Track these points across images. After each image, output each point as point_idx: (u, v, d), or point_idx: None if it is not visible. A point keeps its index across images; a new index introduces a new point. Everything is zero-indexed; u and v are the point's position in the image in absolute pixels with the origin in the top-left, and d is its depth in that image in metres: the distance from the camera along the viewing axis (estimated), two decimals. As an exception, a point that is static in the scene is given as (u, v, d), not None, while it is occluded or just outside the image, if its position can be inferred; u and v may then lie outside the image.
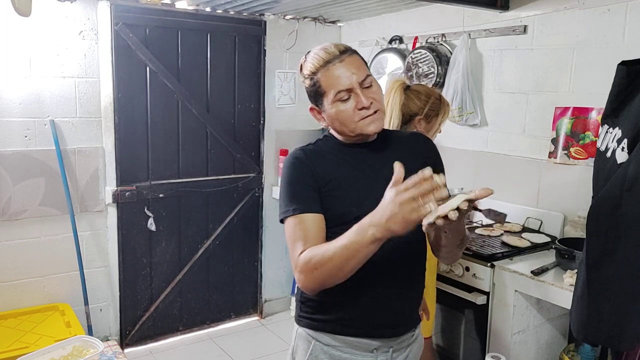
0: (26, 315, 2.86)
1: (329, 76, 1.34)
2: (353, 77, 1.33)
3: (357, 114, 1.34)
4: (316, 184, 1.36)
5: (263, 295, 3.89)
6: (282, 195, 1.39)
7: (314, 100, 1.41)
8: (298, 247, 1.29)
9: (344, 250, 1.18)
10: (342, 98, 1.33)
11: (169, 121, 3.36)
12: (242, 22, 3.53)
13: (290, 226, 1.34)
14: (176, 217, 3.47)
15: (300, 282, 1.30)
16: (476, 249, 2.46)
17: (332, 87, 1.33)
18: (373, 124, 1.36)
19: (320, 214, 1.34)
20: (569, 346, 2.40)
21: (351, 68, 1.34)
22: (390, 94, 2.15)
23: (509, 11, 2.82)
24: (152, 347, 3.46)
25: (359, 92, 1.33)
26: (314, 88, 1.38)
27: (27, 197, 2.94)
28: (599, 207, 1.46)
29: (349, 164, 1.41)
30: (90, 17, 3.02)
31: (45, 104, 2.94)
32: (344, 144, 1.44)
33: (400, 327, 1.44)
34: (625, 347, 1.51)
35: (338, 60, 1.34)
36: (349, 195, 1.36)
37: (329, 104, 1.36)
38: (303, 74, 1.41)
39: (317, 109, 1.42)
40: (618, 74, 1.48)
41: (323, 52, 1.36)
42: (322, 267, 1.22)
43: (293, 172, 1.39)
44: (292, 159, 1.41)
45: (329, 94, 1.35)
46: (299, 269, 1.27)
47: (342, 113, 1.34)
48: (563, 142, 2.62)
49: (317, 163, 1.39)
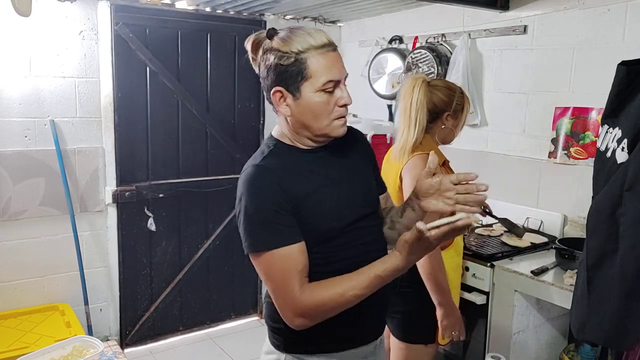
0: (26, 315, 2.86)
1: (321, 61, 1.20)
2: (343, 71, 1.25)
3: (336, 110, 1.24)
4: (290, 207, 1.21)
5: (263, 295, 3.88)
6: (248, 223, 1.21)
7: (287, 82, 1.21)
8: (291, 286, 1.18)
9: (377, 280, 1.16)
10: (327, 89, 1.21)
11: (169, 121, 3.36)
12: (242, 22, 3.53)
13: (270, 262, 1.19)
14: (176, 217, 3.47)
15: (299, 324, 1.20)
16: (476, 249, 2.46)
17: (322, 74, 1.20)
18: (342, 128, 1.27)
19: (302, 241, 1.21)
20: (569, 346, 2.40)
21: (340, 61, 1.25)
22: (413, 92, 1.97)
23: (509, 11, 2.82)
24: (152, 347, 3.45)
25: (344, 88, 1.24)
26: (295, 68, 1.19)
27: (27, 197, 2.94)
28: (599, 207, 1.46)
29: (317, 174, 1.29)
30: (90, 17, 3.02)
31: (45, 104, 2.94)
32: (301, 150, 1.30)
33: (381, 327, 1.45)
34: (626, 347, 1.51)
35: (331, 49, 1.23)
36: (327, 210, 1.27)
37: (311, 91, 1.21)
38: (277, 50, 1.21)
39: (284, 93, 1.23)
40: (618, 74, 1.48)
41: (316, 34, 1.22)
42: (338, 307, 1.18)
43: (260, 195, 1.20)
44: (255, 179, 1.22)
45: (315, 80, 1.20)
46: (302, 312, 1.18)
47: (321, 105, 1.22)
48: (563, 142, 2.62)
49: (285, 180, 1.22)
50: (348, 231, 1.29)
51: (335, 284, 1.18)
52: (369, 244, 1.33)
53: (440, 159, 2.02)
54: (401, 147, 1.97)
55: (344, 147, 1.37)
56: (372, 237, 1.37)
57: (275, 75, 1.22)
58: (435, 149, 2.02)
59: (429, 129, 2.02)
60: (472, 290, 2.40)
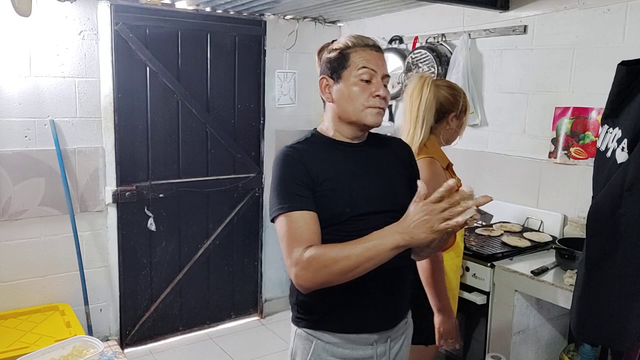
0: (26, 315, 2.86)
1: (362, 54, 1.39)
2: (381, 67, 1.41)
3: (370, 100, 1.38)
4: (310, 183, 1.36)
5: (263, 295, 3.89)
6: (273, 193, 1.37)
7: (332, 70, 1.42)
8: (297, 244, 1.27)
9: (364, 251, 1.20)
10: (363, 76, 1.38)
11: (169, 121, 3.36)
12: (242, 22, 3.53)
13: (285, 224, 1.32)
14: (176, 217, 3.47)
15: (299, 279, 1.27)
16: (476, 249, 2.46)
17: (359, 63, 1.38)
18: (375, 117, 1.40)
19: (314, 212, 1.33)
20: (569, 346, 2.41)
21: (382, 61, 1.42)
22: (423, 91, 1.94)
23: (509, 11, 2.82)
24: (152, 347, 3.46)
25: (380, 82, 1.40)
26: (339, 58, 1.40)
27: (27, 197, 2.94)
28: (599, 207, 1.46)
29: (341, 163, 1.42)
30: (90, 17, 3.02)
31: (45, 104, 2.94)
32: (335, 141, 1.46)
33: (394, 318, 1.49)
34: (625, 347, 1.51)
35: (375, 49, 1.42)
36: (343, 196, 1.38)
37: (349, 77, 1.39)
38: (329, 49, 1.45)
39: (328, 79, 1.43)
40: (618, 74, 1.48)
41: (365, 37, 1.43)
42: (333, 265, 1.22)
43: (286, 169, 1.37)
44: (284, 157, 1.40)
45: (353, 68, 1.38)
46: (301, 266, 1.25)
47: (356, 92, 1.38)
48: (563, 142, 2.62)
49: (310, 162, 1.38)
50: (359, 220, 1.37)
51: (339, 245, 1.25)
52: None
53: (444, 162, 2.01)
54: None
55: (382, 151, 1.51)
56: None
57: (324, 67, 1.45)
58: (439, 150, 2.01)
59: (434, 130, 2.01)
60: (472, 290, 2.41)
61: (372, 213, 1.39)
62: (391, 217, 1.38)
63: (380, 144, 1.52)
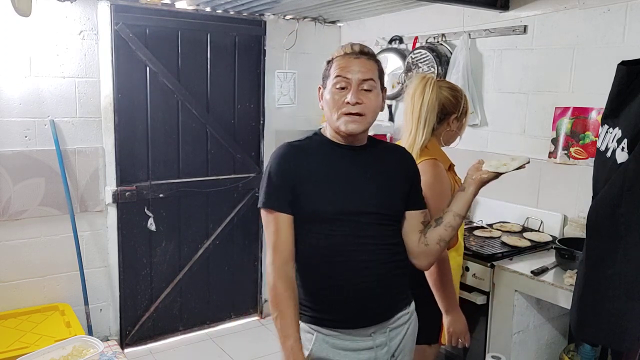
0: (26, 315, 2.86)
1: (339, 62, 1.47)
2: (357, 74, 1.44)
3: (342, 107, 1.44)
4: (292, 183, 1.45)
5: (263, 295, 3.89)
6: (263, 184, 1.49)
7: (322, 79, 1.53)
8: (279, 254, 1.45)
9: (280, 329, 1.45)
10: (338, 85, 1.45)
11: (169, 121, 3.36)
12: (242, 22, 3.53)
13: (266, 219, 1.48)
14: (176, 217, 3.47)
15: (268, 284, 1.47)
16: (476, 249, 2.46)
17: (334, 72, 1.46)
18: (349, 124, 1.45)
19: (290, 215, 1.45)
20: (569, 346, 2.41)
21: (360, 67, 1.45)
22: (425, 91, 1.90)
23: (509, 11, 2.82)
24: (152, 347, 3.45)
25: (353, 89, 1.44)
26: (326, 68, 1.52)
27: (27, 197, 2.94)
28: (599, 207, 1.47)
29: (332, 162, 1.50)
30: (90, 17, 3.02)
31: (45, 104, 2.94)
32: (333, 142, 1.52)
33: (390, 310, 1.53)
34: (625, 347, 1.51)
35: (354, 56, 1.47)
36: (326, 194, 1.46)
37: (329, 86, 1.48)
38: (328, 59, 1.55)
39: (321, 89, 1.54)
40: (618, 74, 1.48)
41: (349, 46, 1.50)
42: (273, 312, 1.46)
43: (276, 168, 1.47)
44: (278, 155, 1.49)
45: (332, 76, 1.47)
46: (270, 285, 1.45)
47: (331, 100, 1.46)
48: (563, 142, 2.62)
49: (303, 158, 1.48)
50: (342, 219, 1.45)
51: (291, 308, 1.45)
52: (362, 237, 1.46)
53: (446, 164, 2.00)
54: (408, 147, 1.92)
55: (383, 157, 1.56)
56: (369, 233, 1.48)
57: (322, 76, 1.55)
58: (441, 152, 2.00)
59: (435, 131, 1.97)
60: (472, 290, 2.41)
61: (356, 213, 1.46)
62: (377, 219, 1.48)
63: (382, 150, 1.58)
